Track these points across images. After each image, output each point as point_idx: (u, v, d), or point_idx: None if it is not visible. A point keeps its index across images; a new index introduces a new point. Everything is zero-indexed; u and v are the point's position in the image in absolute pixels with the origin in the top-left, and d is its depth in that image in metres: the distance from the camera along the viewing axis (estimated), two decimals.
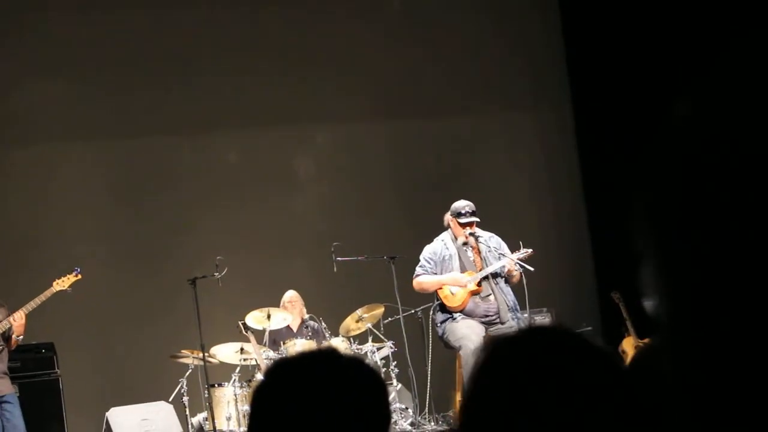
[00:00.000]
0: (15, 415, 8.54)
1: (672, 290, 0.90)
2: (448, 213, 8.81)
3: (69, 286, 8.85)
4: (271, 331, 9.96)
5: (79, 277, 8.90)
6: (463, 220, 8.66)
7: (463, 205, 8.73)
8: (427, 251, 8.82)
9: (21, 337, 8.62)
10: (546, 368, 1.28)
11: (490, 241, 8.73)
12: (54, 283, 8.77)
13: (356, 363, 1.88)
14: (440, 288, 8.67)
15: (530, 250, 8.65)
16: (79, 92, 11.57)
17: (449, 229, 8.81)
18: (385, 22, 12.44)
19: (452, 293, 8.61)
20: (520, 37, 12.74)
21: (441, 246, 8.77)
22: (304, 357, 1.90)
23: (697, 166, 0.88)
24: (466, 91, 12.47)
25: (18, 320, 8.44)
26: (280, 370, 1.89)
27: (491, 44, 12.60)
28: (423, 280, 8.76)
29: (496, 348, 1.33)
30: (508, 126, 12.65)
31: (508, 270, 8.58)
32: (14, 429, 8.40)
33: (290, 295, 10.34)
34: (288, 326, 10.18)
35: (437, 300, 8.75)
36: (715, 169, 0.86)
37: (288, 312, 10.14)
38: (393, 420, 9.34)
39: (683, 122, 0.90)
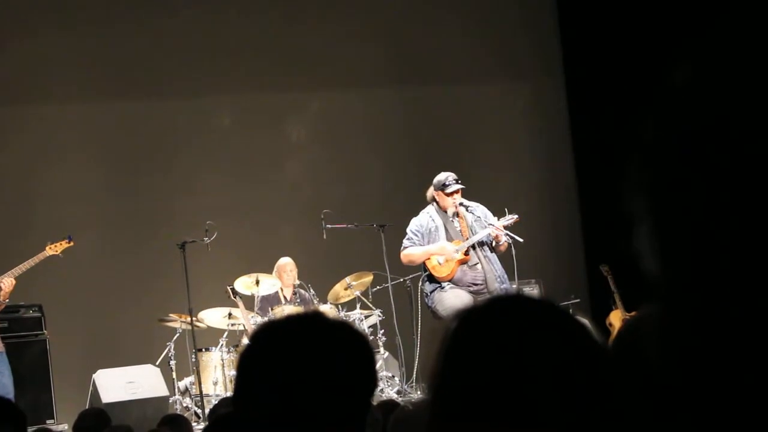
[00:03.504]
0: (4, 374, 8.58)
1: (668, 254, 0.89)
2: (431, 188, 8.80)
3: (60, 252, 9.00)
4: (262, 297, 9.97)
5: (71, 243, 9.13)
6: (449, 190, 8.67)
7: (446, 176, 8.74)
8: (414, 224, 8.83)
9: (7, 301, 8.72)
10: (508, 339, 1.27)
11: (476, 210, 8.74)
12: (47, 248, 8.96)
13: (343, 326, 1.87)
14: (428, 258, 8.68)
15: (515, 216, 8.68)
16: (74, 54, 11.50)
17: (434, 202, 8.81)
18: None
19: (440, 263, 8.63)
20: (514, 4, 12.69)
21: (427, 219, 8.77)
22: (290, 320, 1.89)
23: (696, 129, 0.87)
24: (458, 59, 12.42)
25: (7, 286, 8.52)
26: (267, 333, 1.88)
27: (483, 12, 12.54)
28: (410, 252, 8.77)
29: (462, 318, 1.32)
30: (499, 95, 12.62)
31: (495, 237, 8.59)
32: (3, 388, 8.42)
33: (286, 262, 10.33)
34: (281, 293, 10.19)
35: (425, 270, 8.76)
36: (714, 132, 0.86)
37: (281, 279, 10.14)
38: (380, 388, 9.38)
39: (682, 86, 0.89)
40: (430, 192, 8.81)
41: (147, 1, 11.76)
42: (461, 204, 8.69)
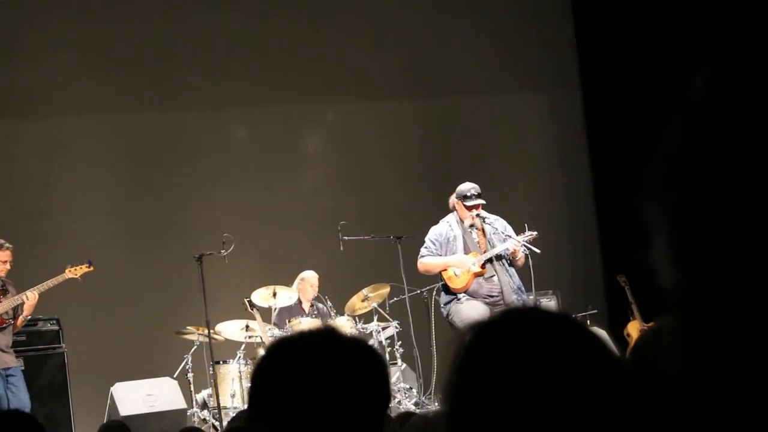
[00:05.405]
0: (20, 389, 8.65)
1: (687, 264, 0.88)
2: (453, 196, 8.80)
3: (80, 276, 9.04)
4: (279, 309, 9.97)
5: (91, 268, 9.16)
6: (469, 203, 8.64)
7: (468, 187, 8.72)
8: (432, 233, 8.81)
9: (29, 317, 8.82)
10: (522, 352, 1.26)
11: (496, 223, 8.72)
12: (66, 271, 9.00)
13: (356, 342, 1.86)
14: (444, 269, 8.66)
15: (534, 233, 8.64)
16: (89, 66, 11.56)
17: (455, 212, 8.80)
18: (391, 4, 12.39)
19: (456, 274, 8.60)
20: (530, 15, 12.69)
21: (446, 228, 8.76)
22: (304, 335, 1.88)
23: (716, 139, 0.86)
24: (474, 70, 12.43)
25: (31, 299, 8.61)
26: (281, 348, 1.87)
27: (500, 23, 12.55)
28: (427, 261, 8.75)
29: (476, 331, 1.32)
30: (515, 106, 12.61)
31: (513, 251, 8.56)
32: (19, 402, 8.47)
33: (312, 275, 10.32)
34: (300, 306, 10.19)
35: (441, 281, 8.74)
36: (734, 142, 0.84)
37: (303, 290, 10.15)
38: (397, 400, 9.36)
39: (701, 95, 0.88)
40: (452, 199, 8.81)
41: (164, 13, 11.81)
42: (478, 215, 8.67)
